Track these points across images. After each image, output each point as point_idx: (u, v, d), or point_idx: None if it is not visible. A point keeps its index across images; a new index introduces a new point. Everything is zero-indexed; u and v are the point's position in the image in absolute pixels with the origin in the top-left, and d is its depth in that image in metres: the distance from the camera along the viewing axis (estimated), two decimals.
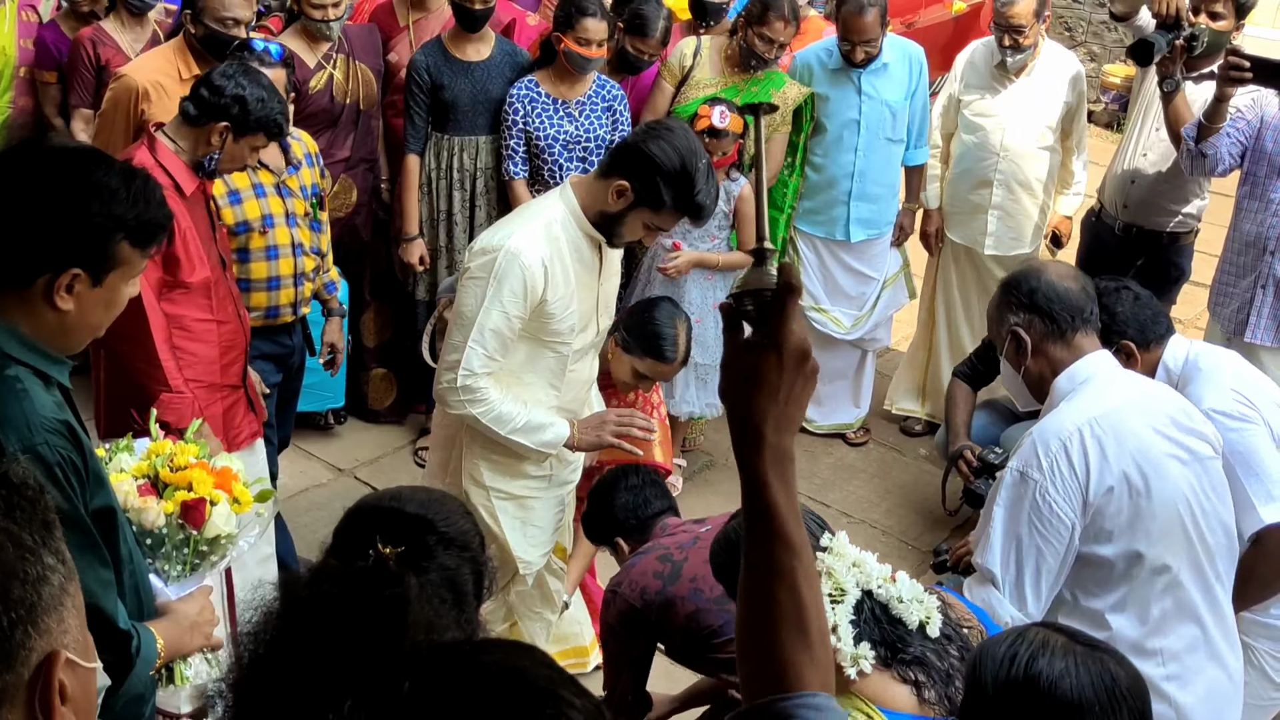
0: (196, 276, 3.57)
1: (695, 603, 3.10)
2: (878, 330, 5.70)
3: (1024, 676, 1.86)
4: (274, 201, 4.20)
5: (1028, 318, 2.86)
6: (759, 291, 1.48)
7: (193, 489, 2.73)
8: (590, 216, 3.33)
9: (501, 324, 3.29)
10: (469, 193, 5.21)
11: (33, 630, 1.15)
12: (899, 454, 5.86)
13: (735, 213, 5.04)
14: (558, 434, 3.48)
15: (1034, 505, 2.73)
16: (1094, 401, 2.79)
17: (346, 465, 5.46)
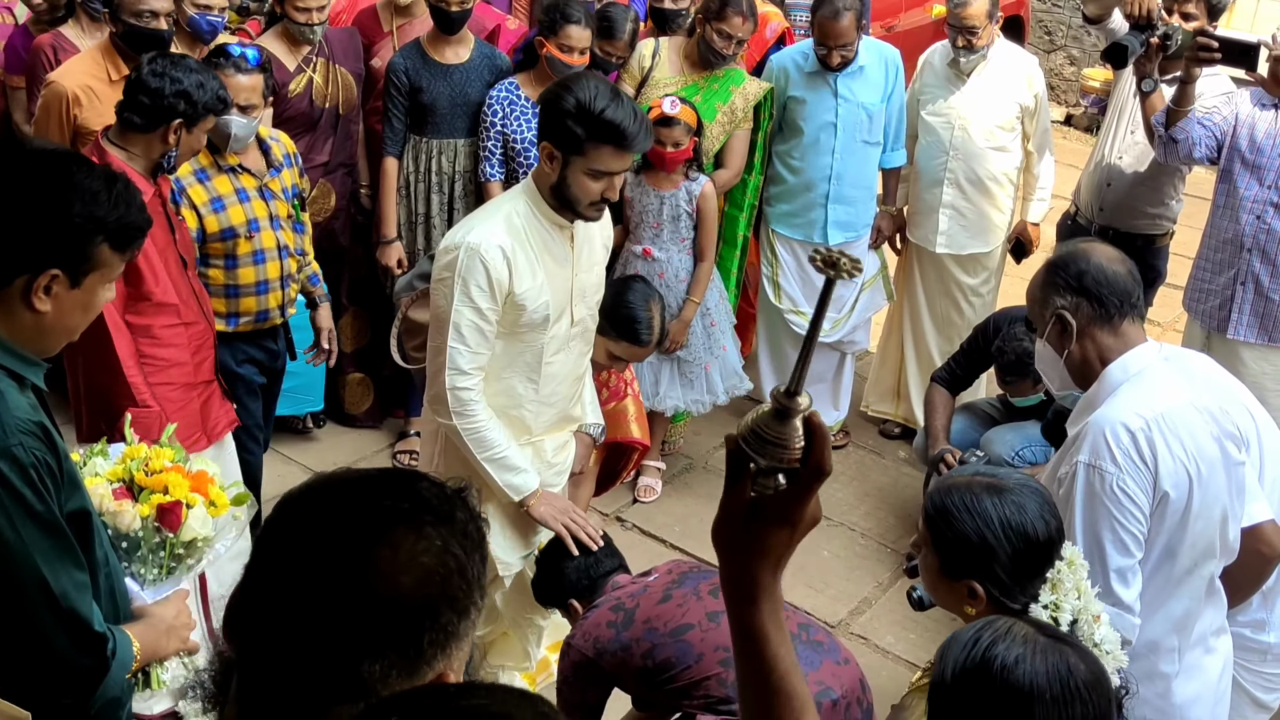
0: (159, 286, 3.57)
1: (650, 640, 3.10)
2: (856, 333, 5.71)
3: (979, 660, 1.85)
4: (258, 205, 4.20)
5: (1075, 300, 2.77)
6: (779, 457, 1.32)
7: (168, 492, 2.73)
8: (548, 199, 3.32)
9: (476, 319, 3.29)
10: (447, 195, 5.21)
11: (441, 654, 1.31)
12: (878, 456, 5.87)
13: (698, 211, 5.04)
14: (525, 483, 3.49)
15: (1111, 497, 2.67)
16: (1157, 395, 2.73)
17: (324, 469, 5.39)
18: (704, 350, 5.23)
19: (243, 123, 4.02)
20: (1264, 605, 3.30)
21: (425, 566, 1.31)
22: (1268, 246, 4.51)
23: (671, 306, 5.11)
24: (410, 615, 1.29)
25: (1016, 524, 2.30)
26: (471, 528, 1.37)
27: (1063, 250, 2.89)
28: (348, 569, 1.29)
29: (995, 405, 5.18)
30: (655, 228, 5.05)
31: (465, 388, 3.36)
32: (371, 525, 1.32)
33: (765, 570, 1.38)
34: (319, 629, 1.28)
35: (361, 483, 1.39)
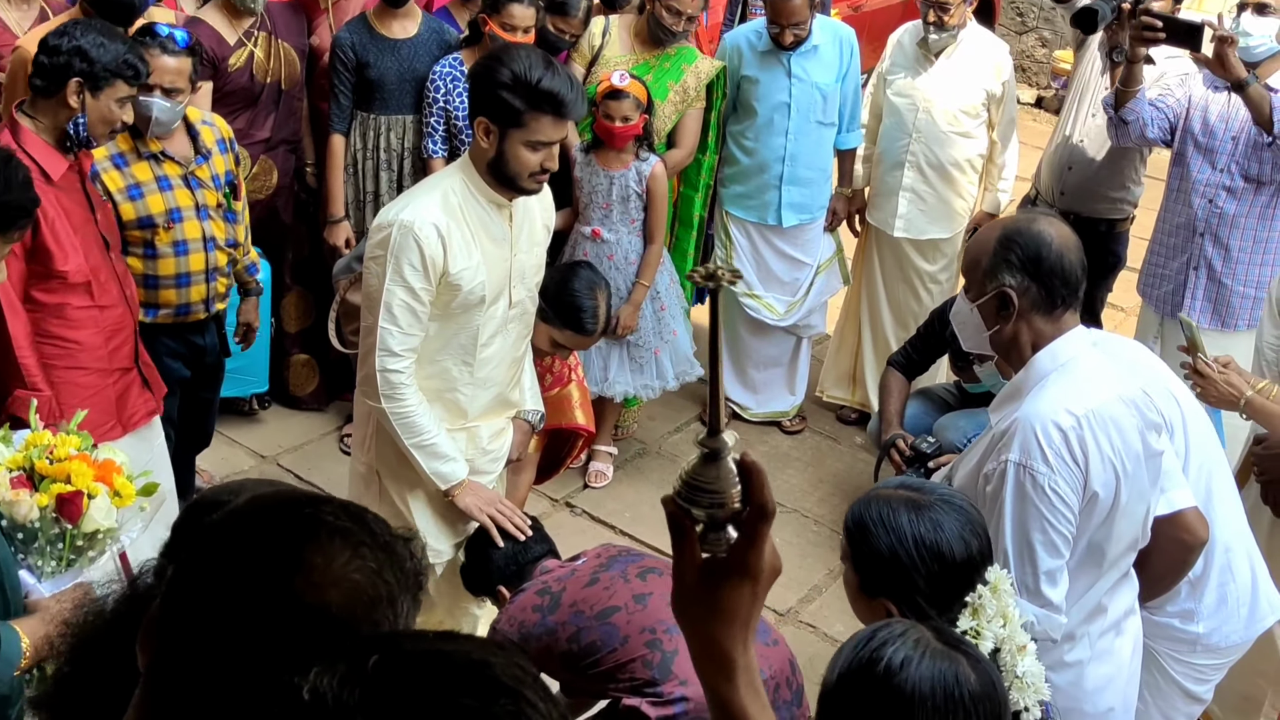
0: (71, 265, 3.44)
1: (576, 624, 3.05)
2: (812, 316, 5.63)
3: (865, 661, 1.76)
4: (181, 194, 4.05)
5: (1025, 283, 2.65)
6: (718, 503, 1.23)
7: (71, 481, 2.63)
8: (485, 176, 3.23)
9: (408, 298, 3.20)
10: (396, 173, 5.10)
11: None
12: (834, 442, 5.80)
13: (648, 192, 4.94)
14: (453, 471, 3.40)
15: (1043, 498, 2.58)
16: (1086, 390, 2.65)
17: (269, 452, 5.34)
18: (654, 335, 5.14)
19: (165, 106, 3.87)
20: (1192, 595, 3.24)
21: (355, 584, 1.25)
22: (1219, 231, 4.45)
23: (621, 289, 5.02)
24: (332, 630, 1.23)
25: (931, 542, 2.20)
26: (410, 566, 1.32)
27: (1021, 224, 2.75)
28: (278, 570, 1.24)
29: (951, 391, 5.11)
30: (604, 208, 4.95)
31: (395, 370, 3.27)
32: (310, 531, 1.27)
33: (735, 639, 1.28)
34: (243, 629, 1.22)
35: (309, 499, 1.35)
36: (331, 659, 1.06)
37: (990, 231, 2.76)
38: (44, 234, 3.38)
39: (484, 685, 1.03)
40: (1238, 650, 3.39)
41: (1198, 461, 3.17)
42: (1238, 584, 3.29)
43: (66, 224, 3.42)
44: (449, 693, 1.02)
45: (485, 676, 1.04)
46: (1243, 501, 3.44)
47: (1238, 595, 3.29)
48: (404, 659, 1.05)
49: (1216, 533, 3.14)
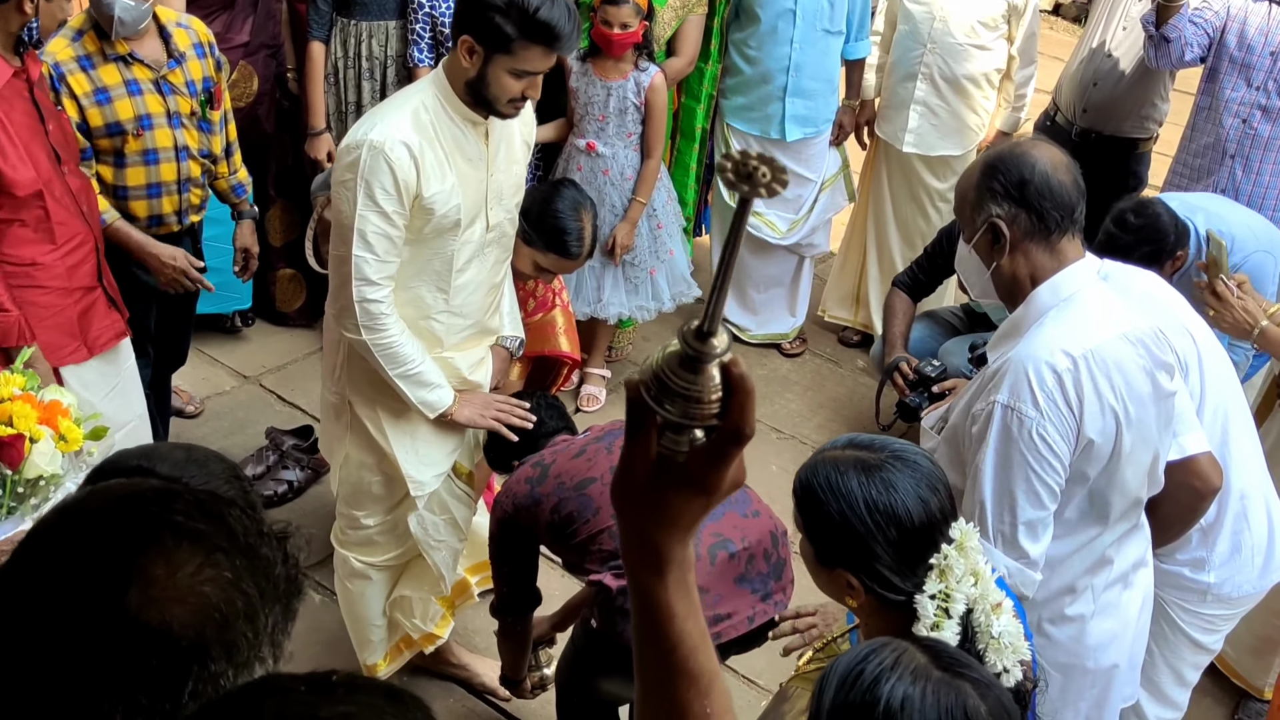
0: (20, 176, 3.22)
1: (558, 495, 3.03)
2: (815, 235, 5.42)
3: (861, 701, 1.55)
4: (152, 100, 3.82)
5: (1013, 211, 2.48)
6: (688, 412, 1.04)
7: (12, 424, 2.47)
8: (460, 94, 3.03)
9: (382, 224, 3.01)
10: (379, 83, 4.87)
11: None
12: (835, 365, 5.62)
13: (646, 104, 4.72)
14: (441, 398, 3.27)
15: (1029, 444, 2.43)
16: (1087, 328, 2.48)
17: (252, 372, 5.18)
18: (649, 254, 4.95)
19: (129, 5, 3.63)
20: (1204, 543, 3.11)
21: (205, 597, 1.09)
22: (1251, 154, 4.22)
23: (616, 206, 4.82)
24: (175, 654, 1.07)
25: (885, 506, 1.99)
26: (279, 572, 1.16)
27: (1004, 150, 2.56)
28: (108, 581, 1.07)
29: (957, 314, 4.94)
30: (600, 120, 4.73)
31: (375, 299, 3.09)
32: (150, 535, 1.10)
33: (673, 539, 1.13)
34: (58, 649, 1.05)
35: (155, 492, 1.17)
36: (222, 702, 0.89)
37: (975, 165, 2.59)
38: None
39: None
40: (1250, 600, 3.27)
41: (1214, 403, 3.02)
42: (1253, 532, 3.15)
43: (13, 135, 3.20)
44: None
45: None
46: (1261, 442, 3.29)
47: (1253, 544, 3.16)
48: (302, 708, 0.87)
49: (1232, 479, 3.01)
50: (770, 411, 5.18)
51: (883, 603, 2.03)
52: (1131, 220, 3.74)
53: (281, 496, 4.56)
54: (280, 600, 1.15)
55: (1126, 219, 3.76)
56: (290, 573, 1.18)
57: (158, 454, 1.92)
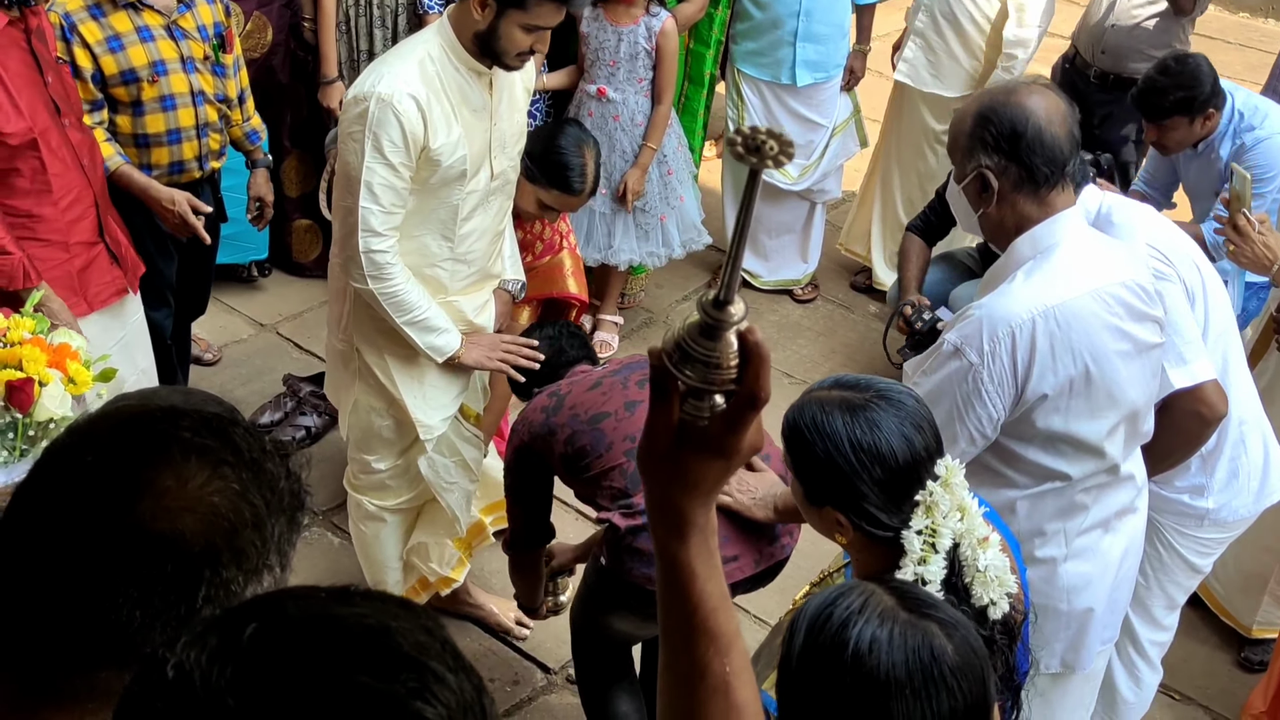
0: (13, 127, 3.25)
1: (572, 427, 3.05)
2: (826, 181, 5.43)
3: (830, 644, 1.58)
4: (165, 45, 3.85)
5: (1002, 163, 2.48)
6: (708, 378, 1.10)
7: (22, 368, 2.53)
8: (467, 45, 3.05)
9: (389, 176, 3.05)
10: (391, 30, 4.89)
11: None
12: (848, 311, 5.64)
13: (657, 50, 4.72)
14: (448, 343, 3.30)
15: (963, 384, 2.48)
16: (1053, 284, 2.49)
17: (268, 320, 5.25)
18: (660, 201, 4.97)
19: None
20: (1203, 469, 3.14)
21: (214, 507, 1.14)
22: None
23: (627, 152, 4.84)
24: (187, 560, 1.13)
25: (869, 445, 2.02)
26: (283, 486, 1.21)
27: (999, 97, 2.54)
28: (123, 493, 1.13)
29: (973, 255, 4.93)
30: (611, 66, 4.74)
31: (380, 250, 3.14)
32: (159, 449, 1.16)
33: (695, 503, 1.19)
34: (74, 559, 1.12)
35: (165, 410, 1.23)
36: (203, 628, 0.92)
37: (969, 106, 2.57)
38: None
39: (383, 658, 0.89)
40: (1244, 524, 3.32)
41: (1216, 331, 3.04)
42: (1250, 458, 3.20)
43: (7, 83, 3.22)
44: (341, 668, 0.87)
45: (384, 647, 0.90)
46: (1256, 381, 3.33)
47: (1249, 469, 3.20)
48: (288, 627, 0.90)
49: (1231, 406, 3.02)
50: (782, 357, 5.21)
51: (871, 539, 2.06)
52: (1172, 65, 3.79)
53: (299, 442, 4.63)
54: (285, 512, 1.20)
55: (1168, 64, 3.82)
56: (293, 486, 1.22)
57: (156, 396, 1.97)
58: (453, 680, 0.90)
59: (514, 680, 3.86)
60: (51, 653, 1.13)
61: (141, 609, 1.11)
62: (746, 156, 1.01)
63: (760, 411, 1.12)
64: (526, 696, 3.83)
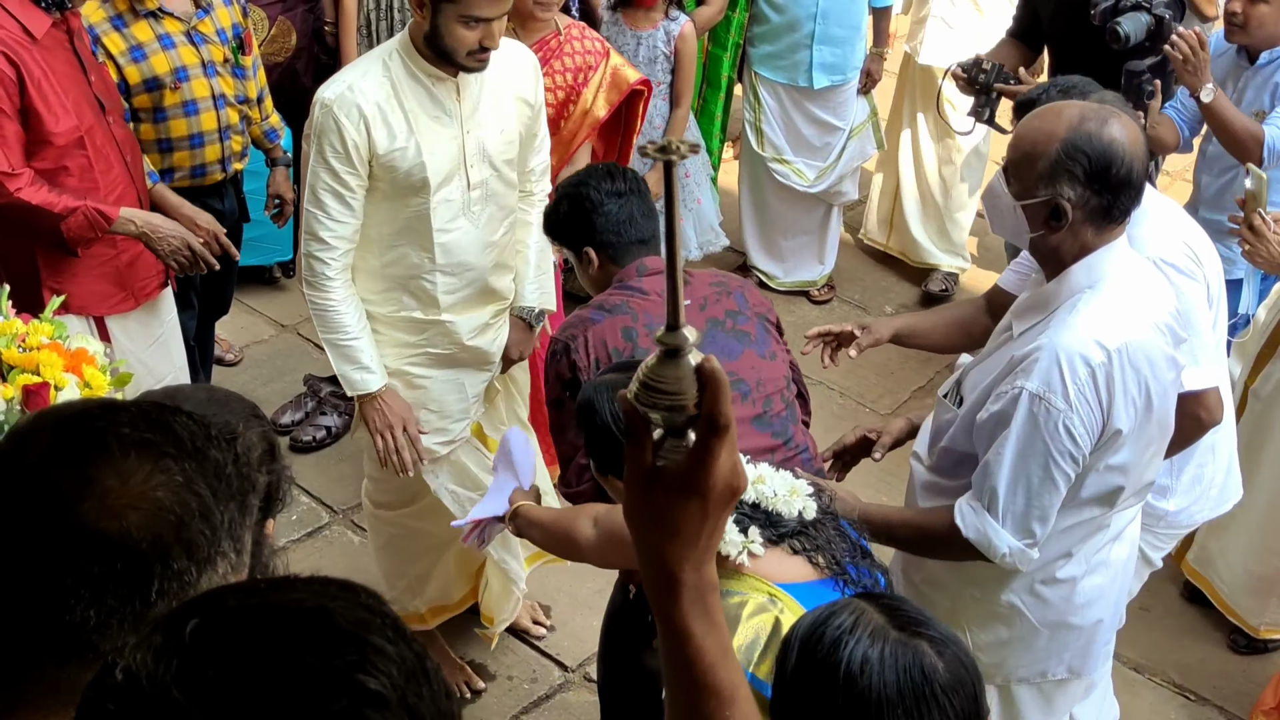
0: (61, 127, 3.34)
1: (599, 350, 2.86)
2: (843, 183, 5.44)
3: (823, 664, 1.61)
4: (185, 52, 3.91)
5: (1085, 195, 2.37)
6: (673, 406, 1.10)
7: (39, 372, 2.59)
8: (422, 51, 3.02)
9: (331, 182, 3.04)
10: None
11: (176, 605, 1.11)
12: (863, 311, 5.65)
13: (675, 54, 4.75)
14: (362, 382, 3.21)
15: (1053, 435, 2.40)
16: (1121, 317, 2.43)
17: (289, 321, 5.31)
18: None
19: None
20: (1169, 471, 3.13)
21: (158, 502, 1.15)
22: None
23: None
24: (136, 557, 1.15)
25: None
26: (230, 472, 1.21)
27: (1092, 126, 2.39)
28: (65, 496, 1.14)
29: None
30: None
31: (320, 258, 3.10)
32: (99, 450, 1.16)
33: (681, 556, 1.17)
34: (22, 565, 1.14)
35: (104, 408, 1.24)
36: (150, 629, 0.95)
37: (1053, 124, 2.42)
38: (30, 95, 3.28)
39: (322, 636, 0.91)
40: (1193, 528, 3.39)
41: (1218, 336, 3.05)
42: (1216, 465, 3.22)
43: (54, 84, 3.31)
44: (281, 650, 0.90)
45: (323, 626, 0.92)
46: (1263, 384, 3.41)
47: (1213, 476, 3.22)
48: (227, 619, 0.93)
49: None
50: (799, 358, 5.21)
51: None
52: None
53: (320, 442, 4.69)
54: (234, 498, 1.20)
55: None
56: (242, 470, 1.22)
57: (181, 394, 2.08)
58: (393, 651, 0.92)
59: (532, 678, 3.90)
60: (12, 655, 1.15)
61: (95, 608, 1.12)
62: (657, 156, 1.05)
63: (726, 440, 1.10)
64: (544, 694, 3.86)
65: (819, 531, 2.19)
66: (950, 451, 2.66)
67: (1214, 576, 4.06)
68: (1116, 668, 3.95)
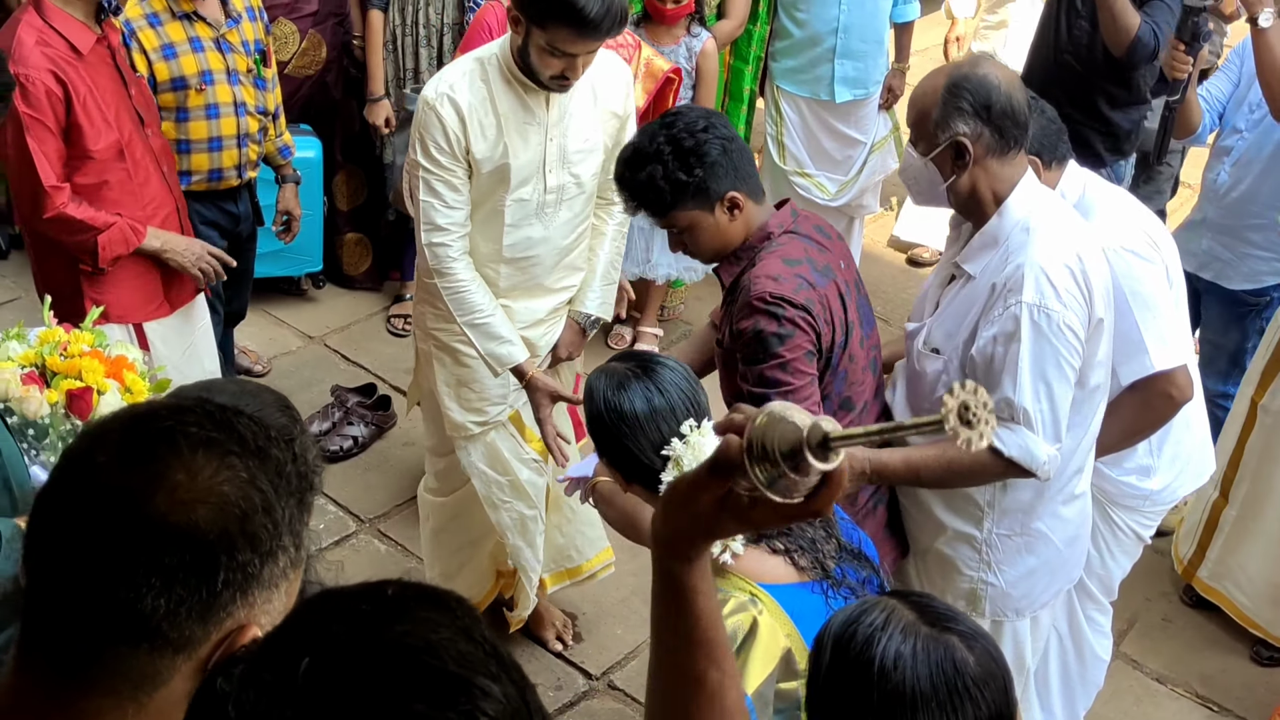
0: (104, 142, 3.43)
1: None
2: (865, 196, 5.48)
3: (856, 660, 1.65)
4: (213, 57, 4.01)
5: (978, 128, 2.62)
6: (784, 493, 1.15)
7: (82, 378, 2.65)
8: (516, 61, 3.14)
9: (440, 173, 3.17)
10: (436, 49, 5.00)
11: (240, 598, 1.19)
12: (884, 323, 5.64)
13: (697, 70, 4.81)
14: (509, 355, 3.31)
15: (1058, 334, 2.58)
16: (1073, 230, 2.67)
17: (317, 332, 5.37)
18: None
19: None
20: (1150, 451, 3.22)
21: (224, 496, 1.20)
22: None
23: None
24: (204, 548, 1.19)
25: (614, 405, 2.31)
26: (290, 470, 1.26)
27: (965, 70, 2.67)
28: (137, 490, 1.19)
29: None
30: None
31: (441, 244, 3.22)
32: (169, 448, 1.21)
33: (708, 541, 1.30)
34: (98, 555, 1.18)
35: (171, 409, 1.29)
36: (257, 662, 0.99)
37: (934, 80, 2.69)
38: (76, 111, 3.38)
39: (432, 681, 0.97)
40: (1175, 504, 3.48)
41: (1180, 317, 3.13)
42: (1193, 438, 3.31)
43: (98, 99, 3.40)
44: (396, 700, 0.95)
45: (432, 669, 0.98)
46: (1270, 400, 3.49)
47: (1190, 450, 3.31)
48: (338, 657, 0.98)
49: None
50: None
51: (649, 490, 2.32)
52: None
53: (347, 452, 4.74)
54: (294, 494, 1.25)
55: None
56: (300, 469, 1.27)
57: (215, 387, 2.21)
58: (498, 690, 0.98)
59: (557, 685, 3.93)
60: (87, 640, 1.19)
61: (165, 597, 1.16)
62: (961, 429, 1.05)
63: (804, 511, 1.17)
64: (568, 701, 3.89)
65: (803, 531, 2.23)
66: None
67: (1231, 590, 4.09)
68: (1139, 678, 4.01)
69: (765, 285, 2.65)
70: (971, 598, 2.93)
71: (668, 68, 4.25)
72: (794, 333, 2.64)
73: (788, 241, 2.75)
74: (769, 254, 2.72)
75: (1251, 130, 4.05)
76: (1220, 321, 4.34)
